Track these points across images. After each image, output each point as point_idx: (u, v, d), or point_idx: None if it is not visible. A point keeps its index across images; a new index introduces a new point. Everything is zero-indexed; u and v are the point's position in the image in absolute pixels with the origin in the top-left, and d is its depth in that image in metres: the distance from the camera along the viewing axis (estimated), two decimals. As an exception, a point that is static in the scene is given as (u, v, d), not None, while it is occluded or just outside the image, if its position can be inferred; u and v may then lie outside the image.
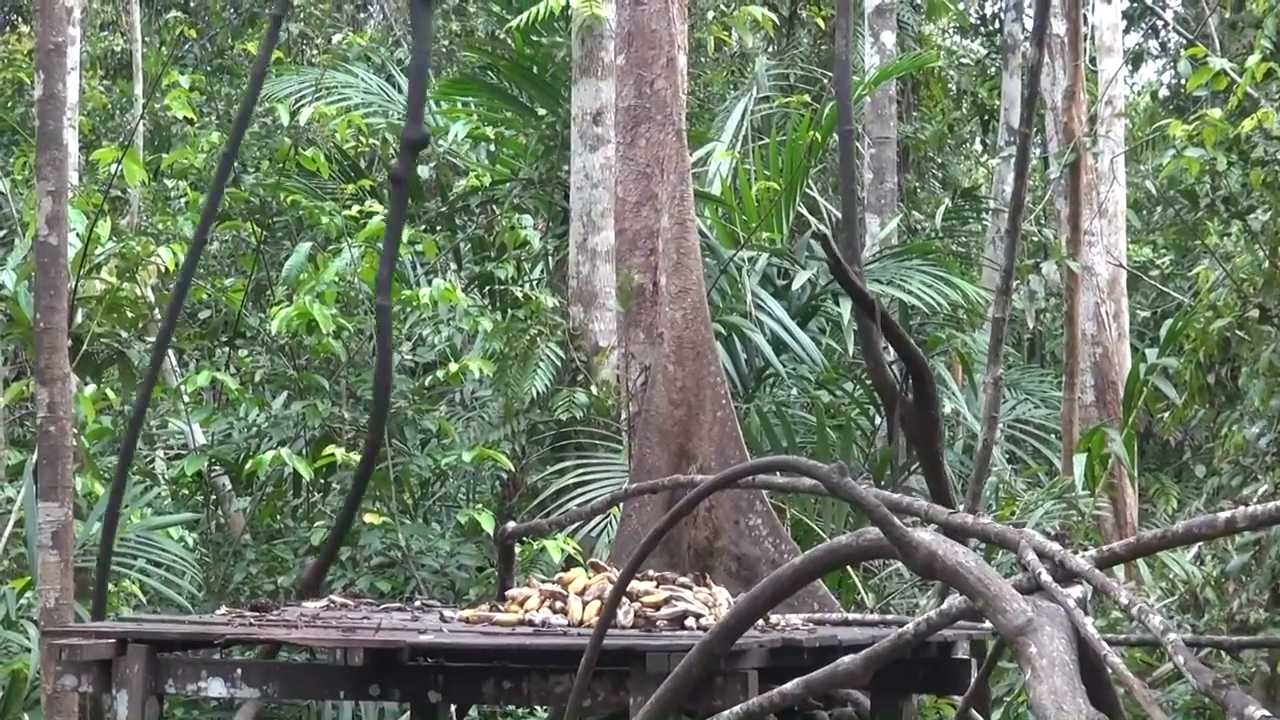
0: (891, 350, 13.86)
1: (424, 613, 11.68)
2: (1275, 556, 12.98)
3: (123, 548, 15.55)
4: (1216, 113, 13.82)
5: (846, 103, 13.94)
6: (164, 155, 23.44)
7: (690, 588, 10.76)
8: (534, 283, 20.35)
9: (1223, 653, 13.07)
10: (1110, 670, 6.92)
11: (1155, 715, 7.01)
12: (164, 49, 29.23)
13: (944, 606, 8.45)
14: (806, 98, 25.31)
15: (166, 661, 10.38)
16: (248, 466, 17.29)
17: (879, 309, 13.10)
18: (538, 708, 12.04)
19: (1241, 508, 8.65)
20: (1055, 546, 8.02)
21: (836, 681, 8.74)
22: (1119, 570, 15.10)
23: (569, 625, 10.40)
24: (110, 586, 13.64)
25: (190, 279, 13.96)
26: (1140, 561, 16.30)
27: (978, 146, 28.55)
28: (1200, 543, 15.26)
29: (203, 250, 13.81)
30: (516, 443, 18.09)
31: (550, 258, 21.37)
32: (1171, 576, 15.46)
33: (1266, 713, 6.40)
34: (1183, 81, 19.41)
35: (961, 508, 12.33)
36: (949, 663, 10.81)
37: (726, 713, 8.55)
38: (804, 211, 22.29)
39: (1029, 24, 20.32)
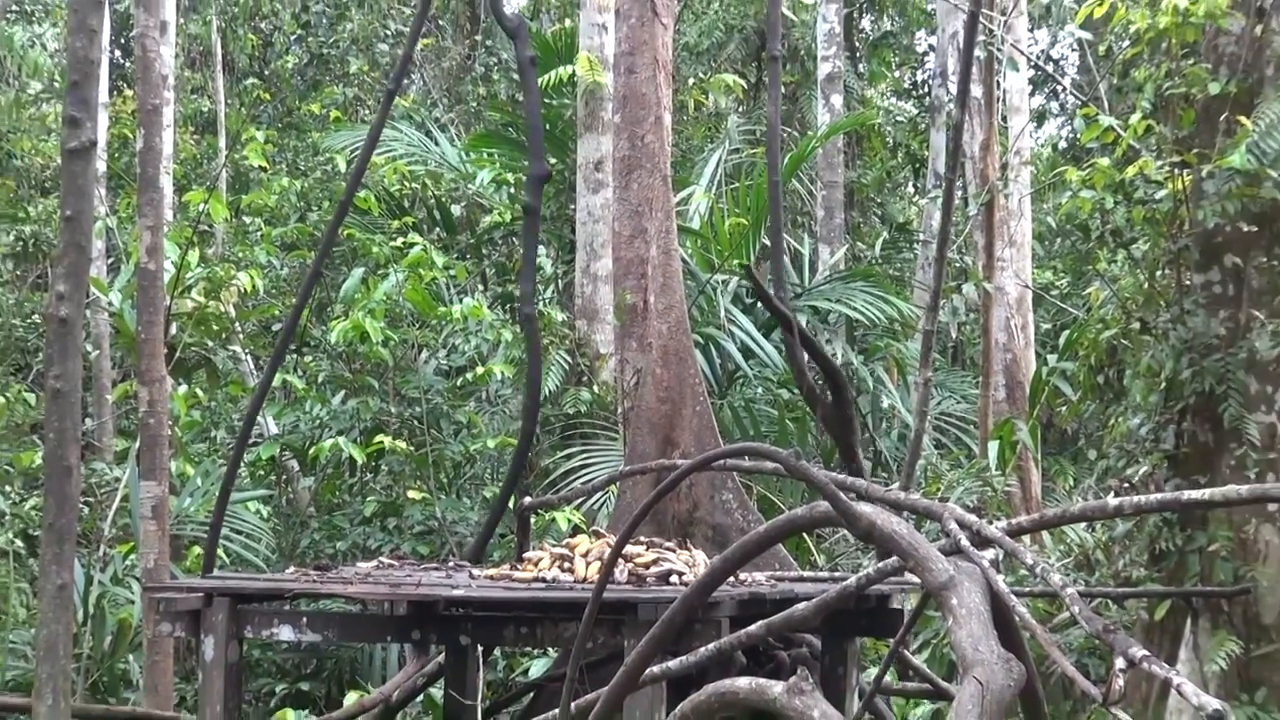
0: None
1: (456, 572, 11.67)
2: (1153, 525, 12.98)
3: (209, 519, 15.55)
4: (1105, 161, 13.80)
5: (775, 160, 13.91)
6: (243, 196, 23.45)
7: (674, 551, 10.76)
8: (546, 301, 20.34)
9: (1110, 603, 13.06)
10: (1017, 618, 6.92)
11: (1054, 654, 7.02)
12: (243, 109, 29.21)
13: (880, 565, 8.45)
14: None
15: (245, 611, 10.37)
16: (312, 452, 17.31)
17: (797, 327, 13.06)
18: (549, 649, 12.00)
19: (1127, 498, 8.65)
20: (973, 518, 8.02)
21: (792, 625, 8.74)
22: (1025, 537, 15.13)
23: (575, 582, 10.39)
24: (199, 550, 13.63)
25: (300, 313, 13.90)
26: (1045, 532, 16.32)
27: (910, 189, 28.50)
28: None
29: (315, 282, 13.76)
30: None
31: (559, 280, 21.37)
32: (1068, 541, 15.45)
33: (1146, 652, 6.39)
34: (1078, 135, 19.41)
35: (896, 485, 12.33)
36: (885, 611, 10.80)
37: (703, 649, 8.56)
38: (767, 242, 22.27)
39: (953, 89, 20.32)
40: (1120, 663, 6.42)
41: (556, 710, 9.28)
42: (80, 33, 10.44)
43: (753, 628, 8.61)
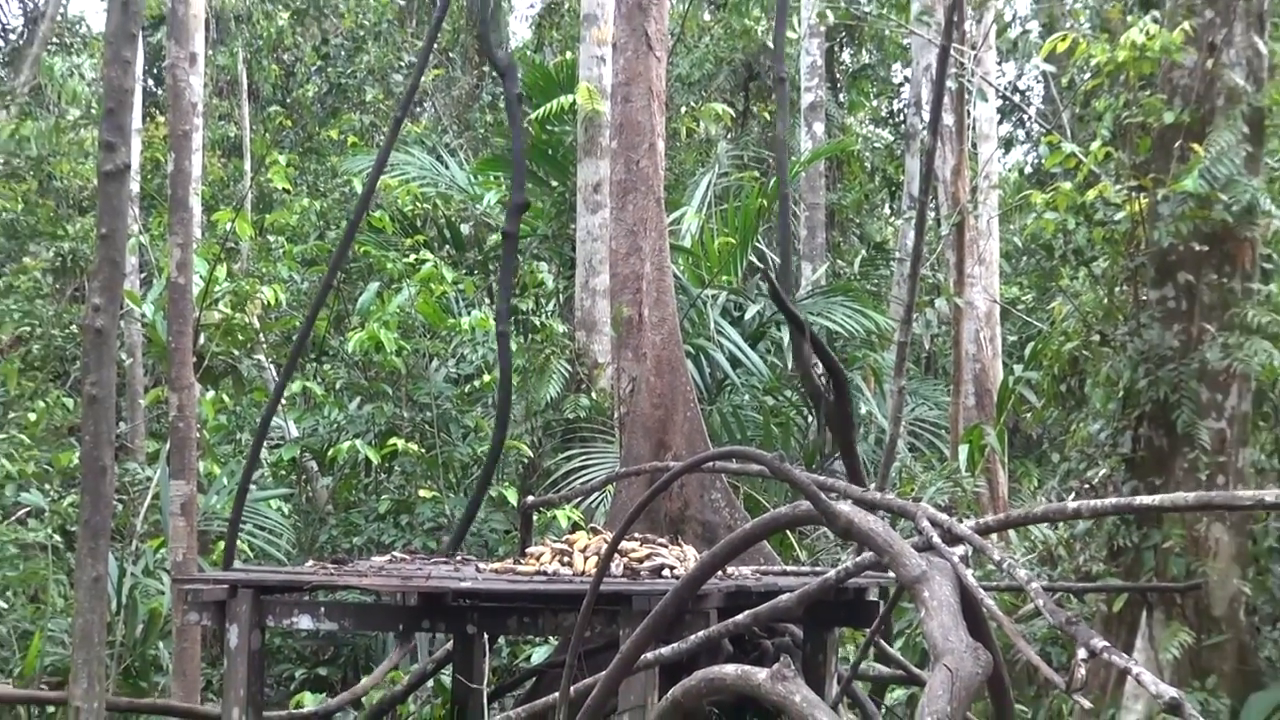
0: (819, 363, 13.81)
1: (463, 565, 11.67)
2: (1111, 524, 12.99)
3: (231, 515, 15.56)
4: (1067, 185, 13.82)
5: (784, 175, 13.94)
6: (266, 216, 23.47)
7: (666, 546, 10.76)
8: (548, 314, 20.33)
9: (1071, 596, 13.08)
10: (985, 610, 6.92)
11: (1020, 644, 7.02)
12: (266, 135, 29.23)
13: (858, 560, 8.46)
14: (756, 173, 25.30)
15: (267, 602, 10.37)
16: (330, 453, 17.31)
17: (809, 331, 13.09)
18: (550, 638, 12.01)
19: (1085, 501, 8.67)
20: (944, 516, 8.02)
21: (776, 615, 8.76)
22: (993, 535, 15.11)
23: (574, 575, 10.39)
24: (224, 543, 13.64)
25: (312, 324, 13.92)
26: (1011, 530, 16.32)
27: (887, 211, 28.51)
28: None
29: (322, 304, 13.79)
30: (534, 436, 18.10)
31: (560, 295, 21.37)
32: (1033, 538, 15.45)
33: (1106, 643, 6.39)
34: (1042, 161, 19.43)
35: (872, 485, 12.33)
36: (862, 603, 10.80)
37: (693, 637, 8.57)
38: (754, 259, 22.25)
39: (926, 117, 20.34)
40: (1082, 653, 6.42)
41: (557, 694, 9.28)
42: (115, 63, 10.44)
43: (739, 617, 8.63)
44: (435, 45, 30.66)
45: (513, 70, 13.09)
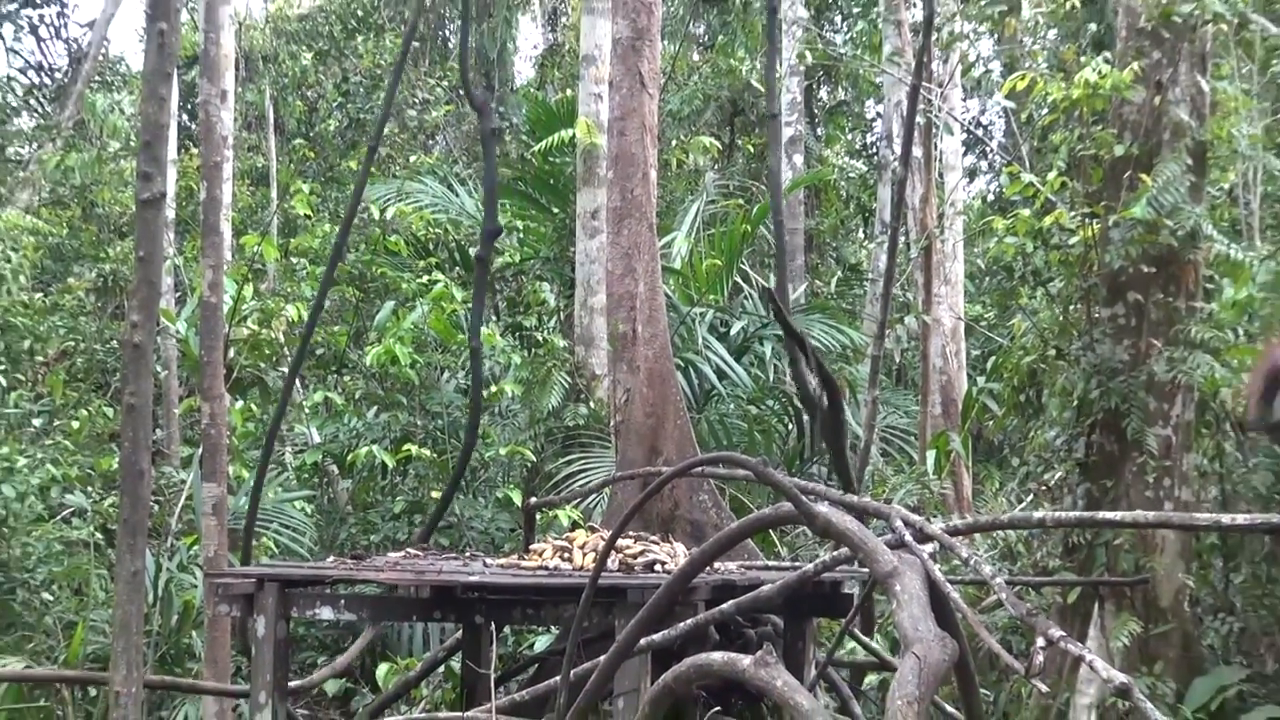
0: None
1: (472, 560, 11.67)
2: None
3: (262, 515, 15.58)
4: (1026, 212, 13.85)
5: (778, 203, 14.00)
6: (291, 240, 23.48)
7: (658, 544, 10.77)
8: (550, 330, 20.34)
9: (1030, 589, 13.09)
10: (951, 602, 6.93)
11: (982, 633, 7.02)
12: (291, 165, 29.24)
13: (834, 554, 8.47)
14: (740, 201, 25.33)
15: (292, 594, 10.37)
16: (349, 458, 17.33)
17: (808, 347, 13.10)
18: (551, 627, 12.01)
19: (1050, 512, 8.66)
20: (916, 517, 8.04)
21: (759, 604, 8.78)
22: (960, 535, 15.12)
23: (573, 570, 10.39)
24: (253, 542, 13.65)
25: (312, 331, 13.98)
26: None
27: (860, 235, 28.51)
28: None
29: (321, 310, 13.86)
30: (537, 442, 18.09)
31: (561, 312, 21.38)
32: (994, 536, 15.46)
33: (1062, 633, 6.40)
34: (1003, 190, 19.45)
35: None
36: (838, 595, 10.80)
37: (681, 625, 8.58)
38: (739, 280, 22.29)
39: (897, 150, 20.36)
40: (1040, 641, 6.43)
41: (558, 678, 9.27)
42: (152, 100, 10.44)
43: (725, 605, 8.66)
44: (446, 84, 30.72)
45: (487, 108, 13.12)
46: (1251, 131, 14.43)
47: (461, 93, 30.90)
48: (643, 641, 8.38)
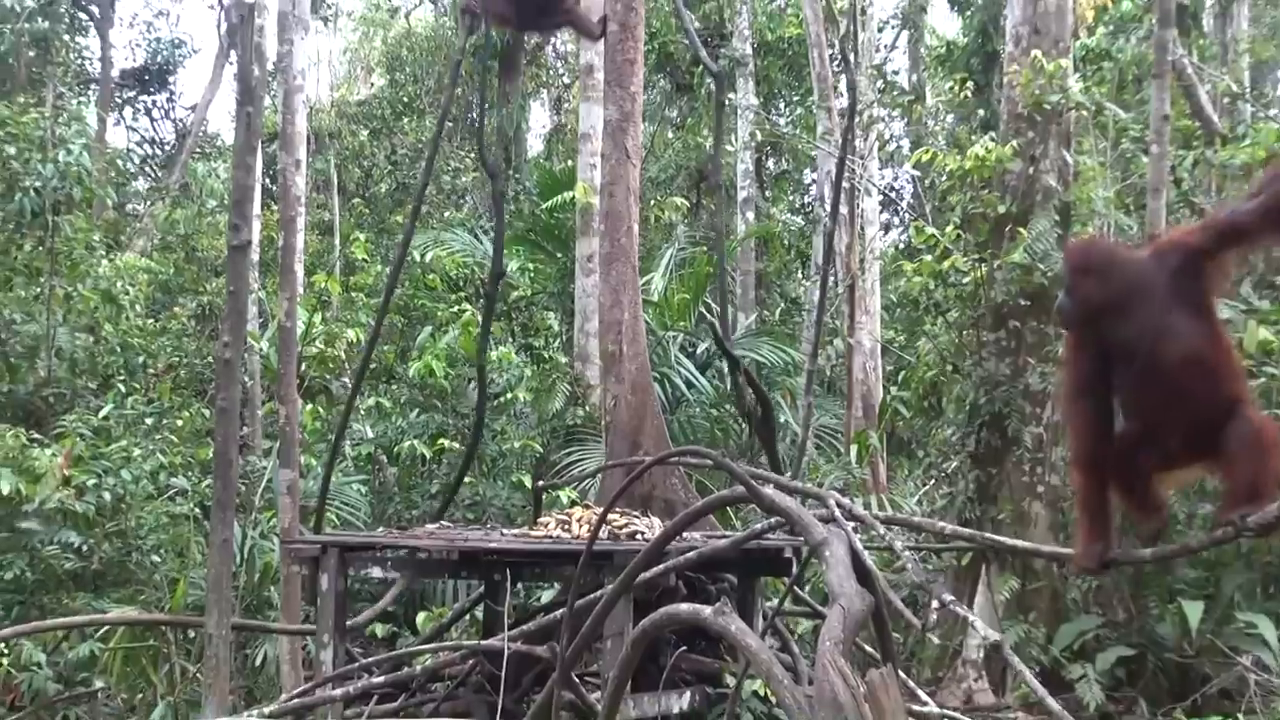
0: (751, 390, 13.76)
1: (491, 531, 11.65)
2: (960, 502, 13.02)
3: (328, 495, 15.58)
4: (929, 257, 13.89)
5: (721, 251, 14.05)
6: (351, 278, 23.45)
7: (639, 518, 10.75)
8: (554, 349, 20.30)
9: (932, 554, 13.10)
10: (868, 566, 6.92)
11: (890, 594, 7.03)
12: (351, 219, 29.22)
13: (770, 523, 8.47)
14: (704, 248, 25.30)
15: (349, 557, 10.34)
16: (396, 450, 17.30)
17: (743, 367, 13.10)
18: (554, 584, 11.98)
19: (953, 526, 8.63)
20: (846, 500, 8.04)
21: (717, 552, 8.85)
22: (875, 508, 15.14)
23: (573, 539, 10.37)
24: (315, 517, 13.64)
25: (372, 350, 13.96)
26: (888, 505, 16.35)
27: (799, 275, 28.51)
28: (924, 497, 15.29)
29: (379, 334, 13.86)
30: (544, 438, 18.06)
31: (563, 336, 21.33)
32: (905, 511, 15.48)
33: (952, 597, 6.40)
34: (911, 240, 19.48)
35: (789, 475, 12.30)
36: (780, 559, 10.77)
37: (660, 566, 8.59)
38: (703, 310, 22.27)
39: (828, 208, 20.36)
40: (935, 604, 6.44)
41: (560, 612, 9.24)
42: (240, 168, 10.45)
43: (690, 554, 8.69)
44: (473, 155, 30.72)
45: (500, 175, 13.13)
46: (1106, 195, 14.52)
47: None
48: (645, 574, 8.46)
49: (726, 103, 27.58)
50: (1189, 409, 5.35)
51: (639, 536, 10.17)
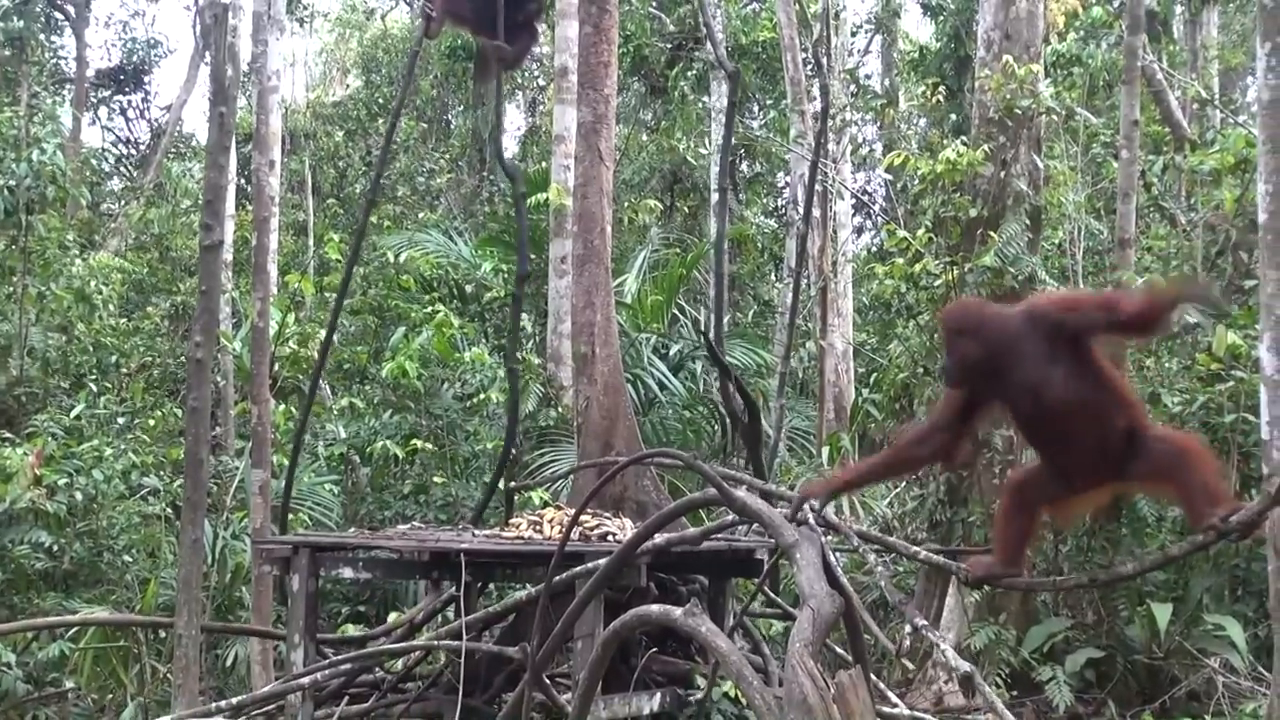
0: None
1: (463, 532, 11.60)
2: (931, 504, 13.02)
3: (298, 495, 15.52)
4: (901, 260, 13.88)
5: (721, 260, 14.00)
6: (324, 278, 23.37)
7: (610, 519, 10.72)
8: (527, 351, 20.26)
9: (902, 557, 13.08)
10: (838, 569, 6.89)
11: (858, 607, 7.01)
12: (325, 219, 29.12)
13: (738, 520, 8.45)
14: (678, 250, 25.28)
15: (321, 558, 10.28)
16: (368, 450, 17.23)
17: (734, 376, 13.07)
18: (526, 584, 11.94)
19: (923, 550, 8.58)
20: (817, 503, 8.00)
21: (686, 540, 8.92)
22: (847, 513, 15.13)
23: (543, 540, 10.33)
24: (290, 517, 13.56)
25: (330, 343, 13.89)
26: (859, 507, 16.35)
27: (773, 278, 28.48)
28: (894, 504, 15.29)
29: (335, 332, 13.81)
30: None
31: (536, 337, 21.28)
32: (874, 513, 15.47)
33: (925, 621, 6.36)
34: (883, 243, 19.49)
35: (774, 481, 12.29)
36: (752, 560, 10.75)
37: (622, 547, 8.55)
38: (676, 312, 22.24)
39: (801, 211, 20.35)
40: (908, 628, 6.39)
41: (528, 594, 9.21)
42: (214, 168, 10.39)
43: (658, 539, 8.66)
44: (448, 157, 30.67)
45: (519, 175, 13.01)
46: (1076, 199, 14.53)
47: (460, 163, 30.91)
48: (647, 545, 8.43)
49: (705, 104, 27.63)
50: (1083, 448, 5.64)
51: (610, 538, 10.13)
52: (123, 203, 28.04)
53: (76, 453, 14.54)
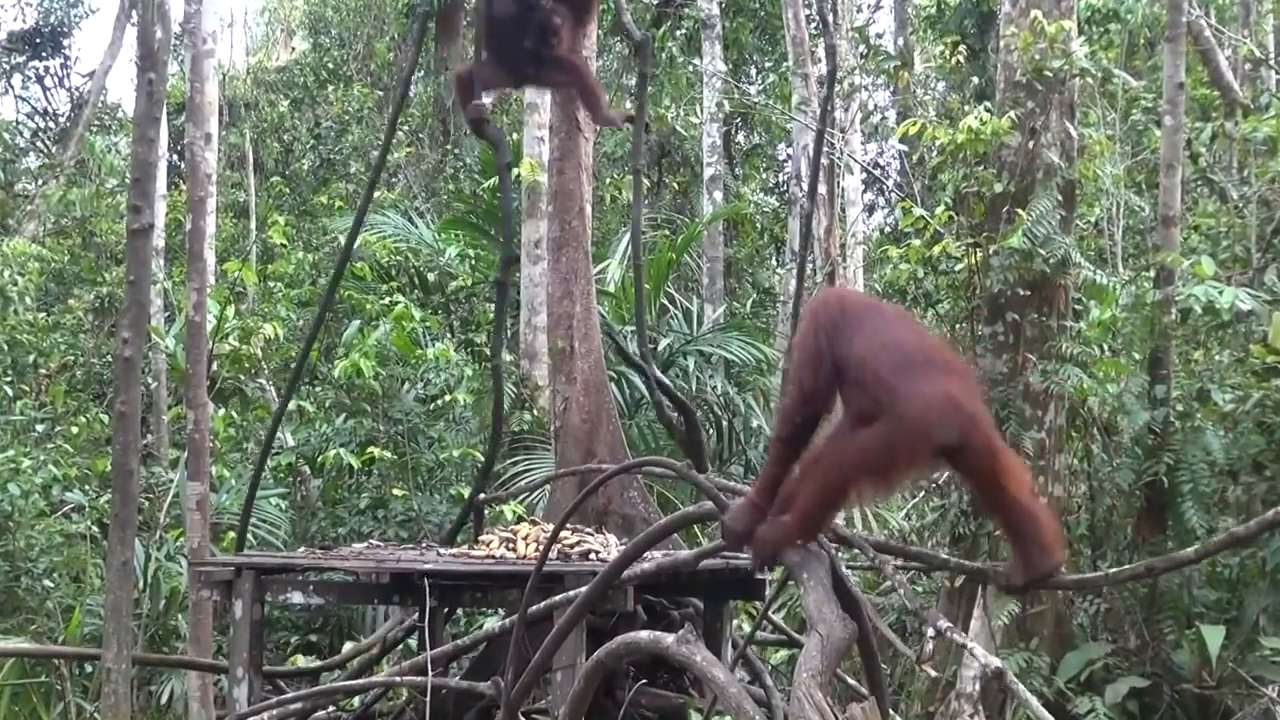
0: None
1: (427, 551, 11.58)
2: (953, 515, 13.03)
3: (238, 510, 15.51)
4: (918, 242, 13.90)
5: (638, 247, 13.95)
6: (268, 266, 23.34)
7: (593, 535, 10.71)
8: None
9: (922, 573, 13.10)
10: (852, 589, 6.88)
11: (877, 621, 7.01)
12: (269, 200, 29.09)
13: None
14: (666, 232, 25.31)
15: (266, 581, 10.26)
16: (320, 459, 17.21)
17: (653, 375, 12.82)
18: (498, 609, 11.92)
19: (953, 559, 8.59)
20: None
21: (678, 564, 8.78)
22: (858, 521, 15.16)
23: (518, 559, 10.32)
24: (233, 534, 13.55)
25: (308, 354, 13.86)
26: (872, 520, 16.35)
27: (773, 262, 28.50)
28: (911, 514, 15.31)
29: (316, 337, 13.76)
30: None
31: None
32: (890, 527, 15.49)
33: (949, 624, 6.37)
34: (898, 222, 19.51)
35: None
36: (752, 581, 10.74)
37: (627, 573, 8.53)
38: (665, 302, 22.25)
39: (805, 187, 20.35)
40: (930, 632, 6.42)
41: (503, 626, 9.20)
42: (142, 142, 10.36)
43: (647, 565, 8.61)
44: (407, 128, 30.64)
45: (503, 141, 12.76)
46: (1114, 172, 14.55)
47: (421, 136, 30.87)
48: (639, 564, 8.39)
49: (695, 67, 27.58)
50: None
51: (593, 556, 10.12)
52: (40, 182, 27.95)
53: (-11, 465, 14.52)
